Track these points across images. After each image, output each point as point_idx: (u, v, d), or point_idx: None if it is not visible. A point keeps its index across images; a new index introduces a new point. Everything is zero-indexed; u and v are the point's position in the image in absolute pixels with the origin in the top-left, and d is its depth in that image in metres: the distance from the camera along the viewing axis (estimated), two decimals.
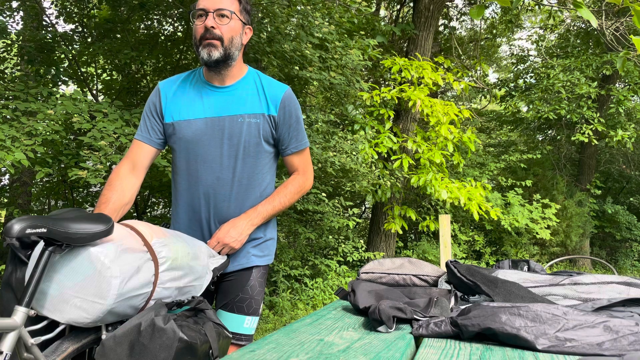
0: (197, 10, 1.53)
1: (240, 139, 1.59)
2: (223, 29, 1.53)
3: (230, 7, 1.55)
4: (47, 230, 1.37)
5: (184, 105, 1.62)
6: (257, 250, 1.71)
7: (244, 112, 1.60)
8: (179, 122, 1.61)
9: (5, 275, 1.51)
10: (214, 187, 1.62)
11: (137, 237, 1.59)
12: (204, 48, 1.53)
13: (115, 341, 1.37)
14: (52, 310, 1.43)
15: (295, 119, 1.67)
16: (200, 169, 1.61)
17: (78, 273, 1.42)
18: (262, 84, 1.65)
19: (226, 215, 1.65)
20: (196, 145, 1.60)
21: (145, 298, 1.55)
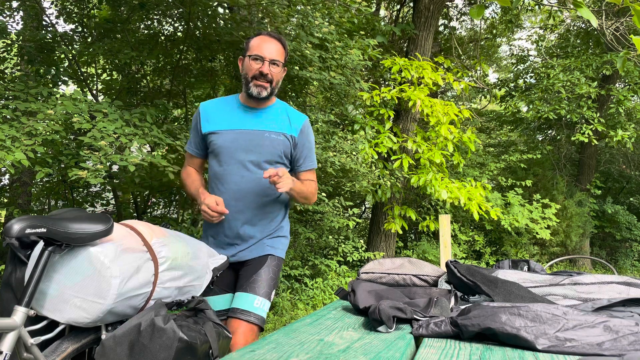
0: (255, 55, 1.89)
1: (264, 150, 1.92)
2: (274, 74, 1.92)
3: (281, 57, 1.94)
4: (47, 230, 1.37)
5: (219, 119, 1.96)
6: (272, 243, 2.00)
7: (271, 129, 1.95)
8: (214, 132, 1.95)
9: (5, 275, 1.51)
10: (239, 186, 1.91)
11: (137, 237, 1.59)
12: (256, 87, 1.91)
13: (115, 341, 1.37)
14: (51, 310, 1.43)
15: (310, 143, 2.06)
16: (229, 172, 1.92)
17: (78, 273, 1.42)
18: (287, 111, 2.03)
19: (247, 210, 1.92)
20: (228, 151, 1.92)
21: (145, 298, 1.55)
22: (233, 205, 1.91)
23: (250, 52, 1.91)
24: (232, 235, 1.95)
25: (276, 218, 2.02)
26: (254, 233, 1.96)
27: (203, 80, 5.55)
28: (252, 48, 1.92)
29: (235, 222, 1.93)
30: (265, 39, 1.92)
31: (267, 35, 1.93)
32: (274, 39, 1.93)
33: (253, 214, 1.94)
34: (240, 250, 1.97)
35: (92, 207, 5.28)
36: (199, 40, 4.59)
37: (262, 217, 1.96)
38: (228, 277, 2.02)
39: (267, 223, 1.98)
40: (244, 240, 1.96)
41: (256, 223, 1.95)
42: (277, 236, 2.02)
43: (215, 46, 4.57)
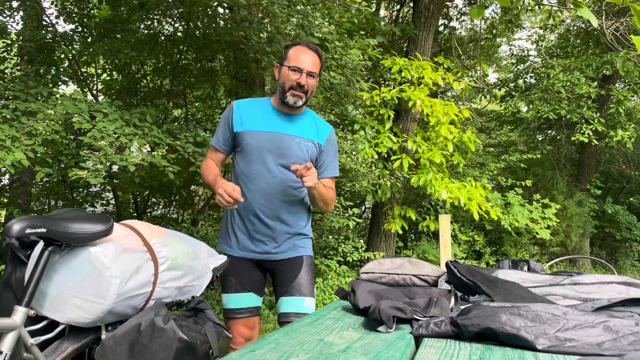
0: (293, 66, 1.98)
1: (293, 154, 2.01)
2: (310, 85, 2.02)
3: (317, 69, 2.03)
4: (47, 230, 1.37)
5: (253, 120, 2.04)
6: (303, 243, 2.10)
7: (300, 135, 2.05)
8: (247, 132, 2.02)
9: (5, 275, 1.51)
10: (269, 185, 1.99)
11: (137, 237, 1.59)
12: (292, 96, 2.00)
13: (115, 341, 1.37)
14: (51, 310, 1.43)
15: (334, 152, 2.18)
16: (258, 171, 1.99)
17: (78, 273, 1.42)
18: (316, 120, 2.15)
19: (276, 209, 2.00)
20: (258, 151, 1.99)
21: (145, 298, 1.55)
22: (262, 204, 1.99)
23: (289, 62, 1.99)
24: (263, 234, 2.01)
25: (303, 217, 2.10)
26: (285, 230, 2.03)
27: (203, 80, 5.55)
28: (290, 58, 2.00)
29: (267, 220, 2.00)
30: (303, 50, 2.00)
31: (305, 47, 2.01)
32: (311, 50, 2.01)
33: (282, 213, 2.01)
34: (271, 249, 2.03)
35: (92, 207, 5.28)
36: (199, 40, 4.58)
37: (290, 216, 2.04)
38: (255, 276, 2.07)
39: (296, 222, 2.06)
40: (274, 238, 2.02)
41: (285, 221, 2.03)
42: (305, 236, 2.11)
43: (215, 46, 4.57)
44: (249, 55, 4.41)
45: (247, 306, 2.04)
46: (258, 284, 2.08)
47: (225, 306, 2.06)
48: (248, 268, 2.05)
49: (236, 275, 2.04)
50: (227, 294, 2.05)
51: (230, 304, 2.04)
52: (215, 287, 4.19)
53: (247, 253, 2.03)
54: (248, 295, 2.04)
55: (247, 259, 2.04)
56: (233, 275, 2.04)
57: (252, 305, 2.05)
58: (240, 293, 2.03)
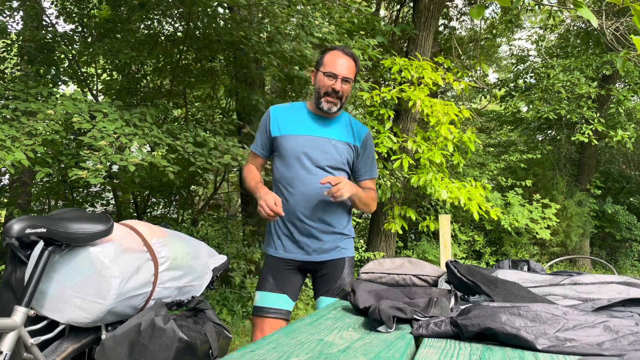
0: (329, 72, 1.99)
1: (330, 156, 2.03)
2: (345, 91, 2.02)
3: (352, 74, 2.03)
4: (47, 230, 1.37)
5: (289, 124, 2.08)
6: (345, 244, 2.11)
7: (337, 138, 2.07)
8: (284, 136, 2.05)
9: (5, 275, 1.51)
10: (308, 188, 2.00)
11: (137, 237, 1.59)
12: (327, 102, 2.02)
13: (115, 341, 1.37)
14: (51, 310, 1.43)
15: (371, 153, 2.17)
16: (297, 174, 2.01)
17: (78, 273, 1.42)
18: (352, 122, 2.14)
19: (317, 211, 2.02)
20: (295, 155, 2.02)
21: (145, 298, 1.55)
22: (303, 207, 2.01)
23: (324, 68, 2.01)
24: (306, 235, 2.03)
25: (344, 217, 2.11)
26: (328, 230, 2.04)
27: (203, 80, 5.55)
28: (325, 64, 2.01)
29: (309, 222, 2.02)
30: (338, 55, 2.01)
31: (340, 52, 2.02)
32: (346, 55, 2.01)
33: (323, 214, 2.03)
34: (314, 250, 2.04)
35: (92, 207, 5.28)
36: (199, 40, 4.58)
37: (331, 216, 2.05)
38: (293, 280, 2.07)
39: (337, 222, 2.07)
40: (317, 239, 2.03)
41: (327, 222, 2.04)
42: (347, 236, 2.12)
43: (215, 46, 4.57)
44: (249, 55, 4.41)
45: (278, 307, 2.02)
46: (295, 288, 2.08)
47: (257, 303, 2.04)
48: (287, 269, 2.06)
49: (275, 275, 2.04)
50: (261, 291, 2.04)
51: (262, 301, 2.03)
52: (215, 287, 4.18)
53: (291, 255, 2.05)
54: (282, 297, 2.03)
55: (289, 260, 2.05)
56: (271, 275, 2.05)
57: (284, 307, 2.03)
58: (275, 293, 2.03)
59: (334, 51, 2.03)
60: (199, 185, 6.39)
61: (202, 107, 6.13)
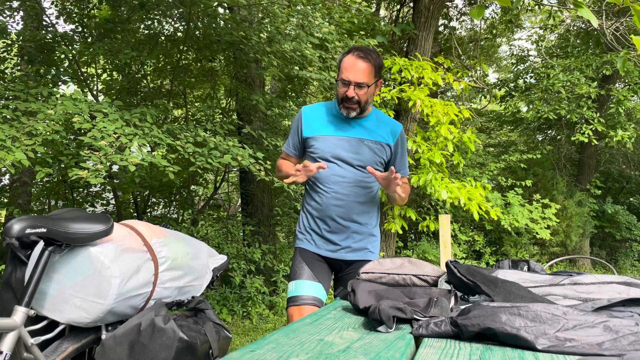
0: (342, 79, 1.98)
1: (362, 156, 2.04)
2: (361, 96, 1.99)
3: (367, 79, 1.97)
4: (47, 230, 1.37)
5: (321, 125, 2.09)
6: (373, 247, 2.14)
7: (369, 137, 2.06)
8: (316, 137, 2.06)
9: (5, 275, 1.51)
10: (341, 186, 2.03)
11: (137, 237, 1.59)
12: (344, 108, 2.02)
13: (115, 341, 1.37)
14: (52, 310, 1.43)
15: (404, 151, 2.16)
16: (329, 174, 2.02)
17: (78, 273, 1.42)
18: (384, 120, 2.13)
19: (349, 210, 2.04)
20: (327, 155, 2.03)
21: (145, 298, 1.55)
22: (336, 205, 2.03)
23: (340, 74, 2.00)
24: (336, 233, 2.04)
25: (374, 216, 2.14)
26: (357, 230, 2.07)
27: (203, 80, 5.55)
28: (342, 70, 1.99)
29: (340, 220, 2.04)
30: (352, 60, 1.97)
31: (356, 56, 1.97)
32: (361, 59, 1.96)
33: (355, 213, 2.05)
34: (343, 248, 2.05)
35: (92, 207, 5.28)
36: (199, 40, 4.58)
37: (362, 215, 2.07)
38: (325, 272, 2.08)
39: (368, 221, 2.10)
40: (347, 238, 2.05)
41: (358, 221, 2.06)
42: (375, 237, 2.15)
43: (216, 46, 4.57)
44: (249, 55, 4.41)
45: (316, 295, 2.00)
46: (327, 281, 2.09)
47: (292, 293, 2.01)
48: (318, 260, 2.08)
49: (309, 265, 2.06)
50: (298, 280, 2.03)
51: (299, 290, 2.01)
52: (215, 287, 4.19)
53: (318, 250, 2.07)
54: (318, 285, 2.03)
55: (319, 255, 2.08)
56: (306, 264, 2.06)
57: (320, 296, 2.02)
58: (313, 281, 2.02)
59: (349, 55, 1.99)
60: (199, 185, 6.39)
61: (202, 107, 6.13)
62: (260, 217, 5.89)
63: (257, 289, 5.03)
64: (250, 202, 5.99)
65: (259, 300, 5.01)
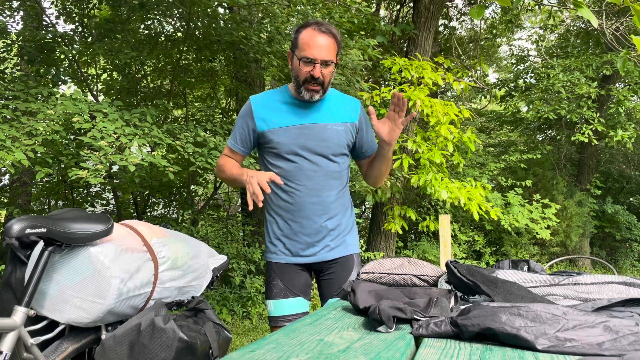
0: (305, 58, 1.75)
1: (330, 142, 1.85)
2: (325, 76, 1.79)
3: (333, 55, 1.78)
4: (47, 230, 1.37)
5: (276, 116, 1.86)
6: (351, 239, 1.95)
7: (332, 120, 1.87)
8: (274, 130, 1.84)
9: (5, 275, 1.51)
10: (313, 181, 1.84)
11: (137, 237, 1.59)
12: (307, 91, 1.80)
13: (115, 341, 1.37)
14: (51, 310, 1.43)
15: (369, 126, 1.96)
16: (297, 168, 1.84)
17: (78, 273, 1.42)
18: (342, 99, 1.94)
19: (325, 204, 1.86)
20: (293, 148, 1.83)
21: (145, 298, 1.55)
22: (310, 202, 1.84)
23: (299, 52, 1.77)
24: (313, 233, 1.86)
25: (348, 208, 1.97)
26: (334, 226, 1.89)
27: (203, 80, 5.55)
28: (301, 46, 1.76)
29: (316, 218, 1.85)
30: (314, 35, 1.74)
31: (316, 30, 1.75)
32: (324, 33, 1.75)
33: (330, 207, 1.87)
34: (322, 249, 1.88)
35: (92, 207, 5.28)
36: (199, 40, 4.59)
37: (338, 209, 1.90)
38: (302, 279, 1.92)
39: (343, 213, 1.93)
40: (325, 236, 1.87)
41: (334, 215, 1.89)
42: (352, 228, 1.97)
43: (216, 46, 4.57)
44: (249, 55, 4.41)
45: (296, 312, 1.88)
46: (306, 286, 1.92)
47: (272, 313, 1.89)
48: (295, 271, 1.90)
49: (283, 279, 1.88)
50: (273, 299, 1.88)
51: (278, 310, 1.88)
52: (215, 287, 4.18)
53: (295, 258, 1.88)
54: (297, 300, 1.89)
55: (294, 264, 1.89)
56: (280, 280, 1.88)
57: (302, 310, 1.89)
58: (289, 298, 1.87)
59: (308, 29, 1.76)
60: (199, 185, 6.39)
61: (202, 107, 6.13)
62: (260, 217, 5.88)
63: (257, 289, 5.03)
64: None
65: (259, 300, 5.01)
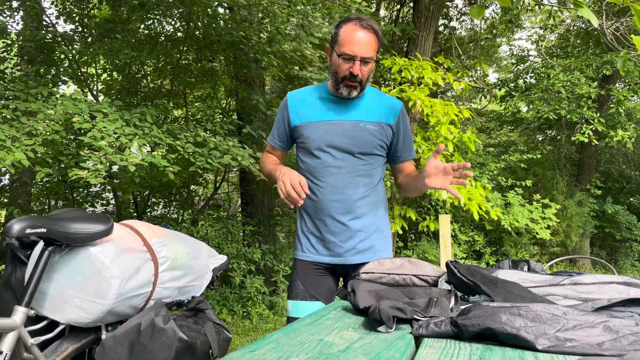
0: (345, 55, 1.70)
1: (360, 141, 1.78)
2: (365, 73, 1.74)
3: (373, 52, 1.73)
4: (47, 230, 1.37)
5: (310, 111, 1.84)
6: (381, 245, 1.85)
7: (366, 119, 1.81)
8: (305, 124, 1.82)
9: (5, 275, 1.51)
10: (337, 178, 1.79)
11: (137, 237, 1.59)
12: (346, 87, 1.75)
13: (115, 341, 1.37)
14: (51, 310, 1.43)
15: (408, 130, 1.89)
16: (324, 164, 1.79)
17: (78, 273, 1.42)
18: (381, 98, 1.87)
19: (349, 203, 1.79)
20: (321, 143, 1.79)
21: (145, 298, 1.55)
22: (333, 200, 1.78)
23: (339, 48, 1.72)
24: (338, 232, 1.79)
25: (379, 211, 1.87)
26: (361, 227, 1.80)
27: (203, 80, 5.55)
28: (341, 42, 1.71)
29: (340, 217, 1.79)
30: (355, 31, 1.69)
31: (357, 25, 1.70)
32: (365, 29, 1.70)
33: (355, 207, 1.79)
34: (347, 251, 1.80)
35: (92, 207, 5.28)
36: (199, 40, 4.59)
37: (365, 209, 1.81)
38: (325, 284, 1.85)
39: (371, 216, 1.83)
40: (351, 237, 1.79)
41: (361, 216, 1.80)
42: (383, 233, 1.87)
43: (216, 46, 4.57)
44: (249, 55, 4.41)
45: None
46: (328, 291, 1.84)
47: (290, 314, 1.85)
48: (318, 274, 1.84)
49: (304, 280, 1.83)
50: (293, 300, 1.84)
51: (295, 311, 1.82)
52: (215, 287, 4.19)
53: (319, 257, 1.83)
54: (315, 304, 1.81)
55: (318, 263, 1.83)
56: (301, 281, 1.83)
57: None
58: (308, 301, 1.81)
59: (349, 24, 1.72)
60: (199, 185, 6.39)
61: (202, 107, 6.13)
62: (260, 217, 5.89)
63: (257, 289, 5.03)
64: (250, 202, 5.99)
65: (259, 300, 5.01)
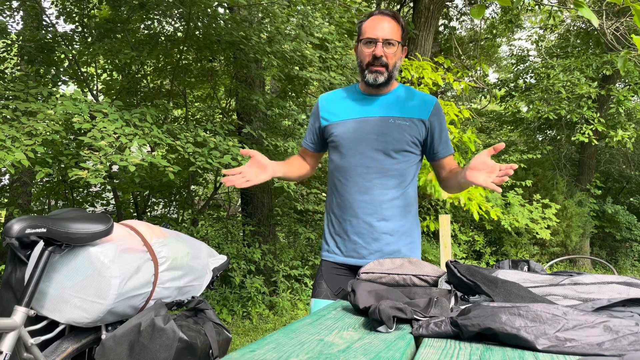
0: (366, 38, 1.70)
1: (390, 137, 1.72)
2: (389, 56, 1.71)
3: (396, 35, 1.72)
4: (47, 230, 1.37)
5: (339, 110, 1.82)
6: (409, 249, 1.79)
7: (396, 114, 1.75)
8: (334, 123, 1.80)
9: (5, 275, 1.51)
10: (364, 178, 1.74)
11: (137, 237, 1.59)
12: (371, 73, 1.72)
13: (115, 341, 1.37)
14: (52, 310, 1.43)
15: (444, 126, 1.82)
16: (351, 163, 1.76)
17: (78, 273, 1.42)
18: (413, 94, 1.81)
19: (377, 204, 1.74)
20: (349, 142, 1.76)
21: (145, 298, 1.55)
22: (359, 200, 1.74)
23: (362, 36, 1.73)
24: (364, 233, 1.74)
25: (409, 214, 1.80)
26: (388, 230, 1.74)
27: (203, 80, 5.55)
28: (364, 31, 1.73)
29: (366, 217, 1.74)
30: (377, 19, 1.72)
31: (379, 14, 1.73)
32: (386, 16, 1.73)
33: (382, 208, 1.73)
34: (372, 253, 1.74)
35: (92, 207, 5.28)
36: (199, 40, 4.59)
37: (394, 211, 1.75)
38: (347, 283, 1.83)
39: (400, 218, 1.76)
40: (378, 240, 1.74)
41: (389, 218, 1.74)
42: (411, 238, 1.80)
43: (216, 46, 4.57)
44: (249, 55, 4.41)
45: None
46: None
47: (312, 311, 1.83)
48: (342, 274, 1.79)
49: (328, 280, 1.80)
50: (315, 298, 1.82)
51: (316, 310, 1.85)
52: (215, 287, 4.18)
53: (343, 258, 1.79)
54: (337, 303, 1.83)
55: (342, 264, 1.79)
56: (325, 280, 1.81)
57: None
58: (331, 300, 1.78)
59: (371, 17, 1.74)
60: (199, 185, 6.39)
61: (202, 107, 6.13)
62: (260, 217, 5.89)
63: (257, 289, 5.03)
64: (250, 202, 5.99)
65: (259, 300, 5.01)
